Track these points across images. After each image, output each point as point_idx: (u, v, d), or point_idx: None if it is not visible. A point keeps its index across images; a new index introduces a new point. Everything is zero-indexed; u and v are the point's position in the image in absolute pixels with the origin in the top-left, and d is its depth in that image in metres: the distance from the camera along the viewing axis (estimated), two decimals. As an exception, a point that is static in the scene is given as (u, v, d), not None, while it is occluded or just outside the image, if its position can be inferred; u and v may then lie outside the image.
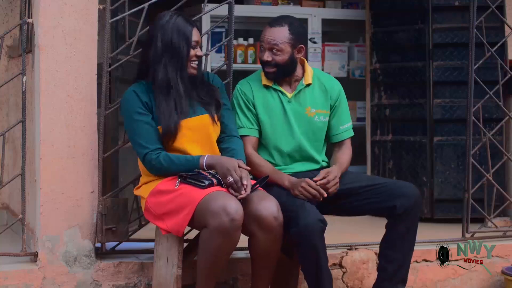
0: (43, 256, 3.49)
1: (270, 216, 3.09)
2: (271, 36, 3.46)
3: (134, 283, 3.61)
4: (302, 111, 3.54)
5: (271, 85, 3.54)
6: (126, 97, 3.31)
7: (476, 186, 4.21)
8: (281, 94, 3.54)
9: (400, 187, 3.41)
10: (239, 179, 3.11)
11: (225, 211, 2.98)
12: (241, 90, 3.55)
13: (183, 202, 3.11)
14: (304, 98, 3.55)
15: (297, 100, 3.54)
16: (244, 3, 5.89)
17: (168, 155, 3.22)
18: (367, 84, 5.50)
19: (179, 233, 3.17)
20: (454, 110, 5.03)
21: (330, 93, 3.59)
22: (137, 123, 3.25)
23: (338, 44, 5.89)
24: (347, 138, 3.66)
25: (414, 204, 3.37)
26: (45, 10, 3.46)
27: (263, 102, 3.52)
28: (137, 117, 3.25)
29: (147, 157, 3.23)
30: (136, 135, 3.26)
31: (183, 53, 3.27)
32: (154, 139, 3.25)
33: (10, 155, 4.59)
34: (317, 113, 3.55)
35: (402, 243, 3.42)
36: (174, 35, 3.27)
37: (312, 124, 3.55)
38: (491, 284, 4.12)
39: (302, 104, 3.54)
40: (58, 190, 3.49)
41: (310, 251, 3.20)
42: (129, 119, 3.29)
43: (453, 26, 5.03)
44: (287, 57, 3.48)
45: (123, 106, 3.33)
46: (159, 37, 3.29)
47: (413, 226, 3.42)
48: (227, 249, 3.08)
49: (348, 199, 3.43)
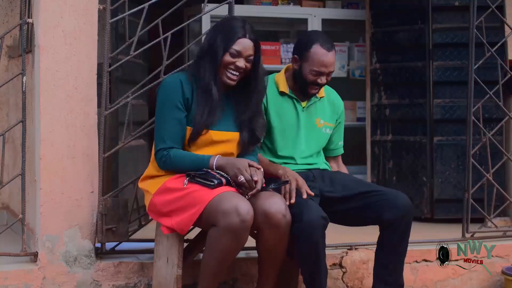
0: (43, 256, 3.49)
1: (279, 214, 3.10)
2: (331, 62, 3.47)
3: (134, 283, 3.61)
4: (313, 121, 3.60)
5: (288, 92, 3.57)
6: (171, 84, 3.24)
7: (476, 186, 4.21)
8: (296, 102, 3.58)
9: (391, 199, 3.39)
10: (250, 179, 3.10)
11: (237, 211, 2.98)
12: None
13: (192, 201, 3.10)
14: (315, 109, 3.61)
15: (309, 111, 3.60)
16: (244, 3, 5.89)
17: (179, 152, 3.21)
18: (367, 84, 5.50)
19: (183, 232, 3.17)
20: (454, 110, 5.03)
21: (337, 108, 3.69)
22: (170, 118, 3.20)
23: (338, 44, 5.88)
24: (340, 155, 3.79)
25: (403, 216, 3.36)
26: (45, 10, 3.46)
27: (276, 108, 3.54)
28: (173, 112, 3.20)
29: (160, 152, 3.21)
30: (163, 129, 3.21)
31: (219, 56, 3.20)
32: (177, 139, 3.21)
33: (10, 155, 4.59)
34: (325, 125, 3.63)
35: (394, 251, 3.43)
36: (218, 36, 3.23)
37: (319, 134, 3.62)
38: (491, 284, 4.12)
39: (312, 115, 3.60)
40: (58, 190, 3.49)
41: (311, 247, 3.21)
42: (164, 110, 3.22)
43: (453, 26, 5.04)
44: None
45: (164, 90, 3.24)
46: (209, 34, 3.28)
47: (405, 236, 3.42)
48: (235, 250, 3.08)
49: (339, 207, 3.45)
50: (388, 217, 3.35)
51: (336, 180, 3.53)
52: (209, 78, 3.21)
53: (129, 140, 3.64)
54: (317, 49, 3.46)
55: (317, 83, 3.49)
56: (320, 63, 3.46)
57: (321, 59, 3.45)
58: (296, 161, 3.56)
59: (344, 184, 3.50)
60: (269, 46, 5.74)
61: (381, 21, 5.34)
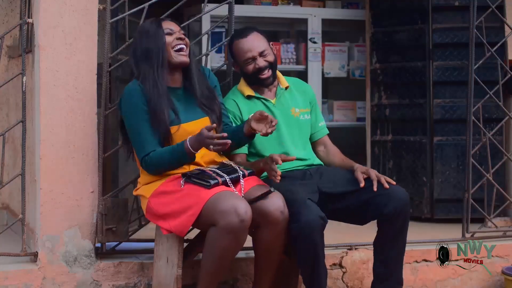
0: (43, 256, 3.49)
1: (277, 211, 3.11)
2: (255, 43, 3.53)
3: (134, 283, 3.61)
4: (288, 112, 3.61)
5: (254, 94, 3.60)
6: (130, 91, 3.24)
7: (476, 186, 4.21)
8: (265, 101, 3.60)
9: (390, 192, 3.39)
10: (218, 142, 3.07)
11: (236, 211, 2.99)
12: (228, 110, 3.57)
13: (188, 202, 3.10)
14: (286, 101, 3.63)
15: (280, 104, 3.61)
16: (244, 3, 5.89)
17: (156, 152, 3.21)
18: (367, 84, 5.49)
19: (182, 234, 3.17)
20: (454, 110, 5.03)
21: (306, 92, 3.72)
22: (143, 123, 3.21)
23: (338, 44, 5.88)
24: (326, 136, 3.75)
25: (402, 207, 3.36)
26: (45, 10, 3.46)
27: (249, 112, 3.53)
28: (143, 115, 3.22)
29: (144, 160, 3.23)
30: (139, 135, 3.23)
31: (159, 44, 3.23)
32: (155, 141, 3.22)
33: (10, 155, 4.59)
34: (301, 112, 3.65)
35: (393, 245, 3.43)
36: (143, 37, 3.27)
37: (299, 123, 3.64)
38: (491, 284, 4.12)
39: (286, 107, 3.62)
40: (58, 190, 3.49)
41: (310, 247, 3.20)
42: (133, 116, 3.23)
43: (453, 26, 5.03)
44: (274, 55, 3.60)
45: (126, 101, 3.25)
46: (132, 48, 3.31)
47: (402, 230, 3.42)
48: (234, 249, 3.08)
49: (336, 204, 3.44)
50: (388, 211, 3.35)
51: (333, 177, 3.52)
52: (153, 78, 3.22)
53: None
54: (235, 44, 3.57)
55: (259, 68, 3.53)
56: (243, 51, 3.54)
57: (241, 47, 3.54)
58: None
59: (342, 180, 3.49)
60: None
61: (381, 21, 5.34)
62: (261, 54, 3.53)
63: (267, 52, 3.55)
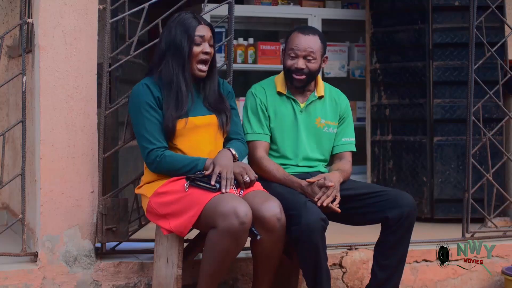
0: (43, 256, 3.49)
1: (273, 218, 3.09)
2: (307, 43, 3.51)
3: (134, 283, 3.61)
4: (312, 121, 3.59)
5: (285, 93, 3.58)
6: (138, 89, 3.27)
7: (476, 186, 4.21)
8: (294, 102, 3.58)
9: (395, 197, 3.39)
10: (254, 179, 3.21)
11: (236, 213, 2.98)
12: (256, 95, 3.58)
13: (189, 203, 3.10)
14: (315, 110, 3.60)
15: (308, 111, 3.60)
16: (244, 3, 5.89)
17: (173, 154, 3.22)
18: (367, 84, 5.50)
19: (182, 234, 3.17)
20: (454, 110, 5.03)
21: (340, 105, 3.67)
22: (147, 117, 3.22)
23: (338, 44, 5.89)
24: (347, 151, 3.67)
25: (407, 215, 3.35)
26: (45, 10, 3.46)
27: (274, 108, 3.56)
28: (148, 111, 3.23)
29: (152, 153, 3.21)
30: (144, 130, 3.23)
31: (185, 49, 3.25)
32: (162, 137, 3.23)
33: (10, 155, 4.59)
34: (327, 124, 3.62)
35: (394, 253, 3.42)
36: (177, 31, 3.27)
37: (320, 134, 3.60)
38: (491, 284, 4.12)
39: (312, 115, 3.60)
40: (58, 190, 3.49)
41: (311, 250, 3.20)
42: (138, 112, 3.24)
43: (453, 26, 5.04)
44: (318, 66, 3.55)
45: (134, 98, 3.28)
46: (165, 34, 3.30)
47: (406, 236, 3.41)
48: (234, 251, 3.08)
49: (343, 206, 3.43)
50: (392, 216, 3.34)
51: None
52: (177, 73, 3.25)
53: (129, 140, 3.64)
54: (293, 34, 3.56)
55: (296, 68, 3.51)
56: (293, 44, 3.52)
57: (295, 40, 3.53)
58: (298, 163, 3.56)
59: (347, 184, 3.49)
60: (269, 46, 5.74)
61: (381, 21, 5.34)
62: (305, 57, 3.51)
63: (313, 59, 3.51)
